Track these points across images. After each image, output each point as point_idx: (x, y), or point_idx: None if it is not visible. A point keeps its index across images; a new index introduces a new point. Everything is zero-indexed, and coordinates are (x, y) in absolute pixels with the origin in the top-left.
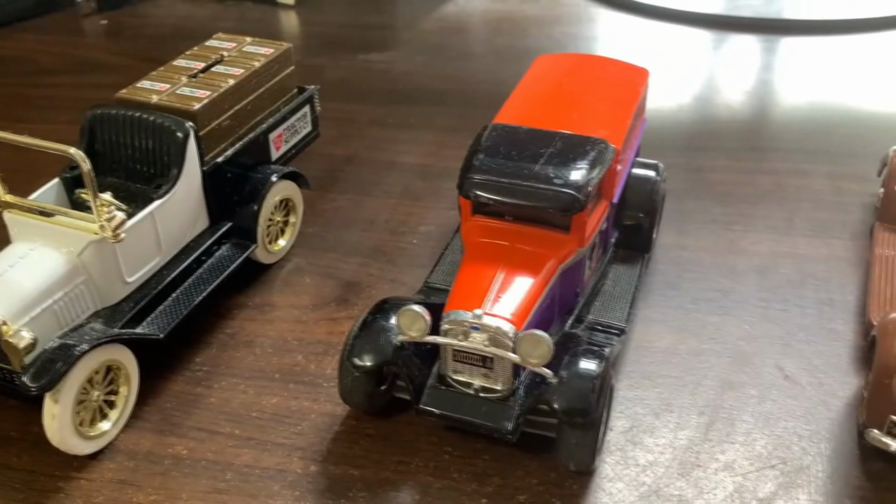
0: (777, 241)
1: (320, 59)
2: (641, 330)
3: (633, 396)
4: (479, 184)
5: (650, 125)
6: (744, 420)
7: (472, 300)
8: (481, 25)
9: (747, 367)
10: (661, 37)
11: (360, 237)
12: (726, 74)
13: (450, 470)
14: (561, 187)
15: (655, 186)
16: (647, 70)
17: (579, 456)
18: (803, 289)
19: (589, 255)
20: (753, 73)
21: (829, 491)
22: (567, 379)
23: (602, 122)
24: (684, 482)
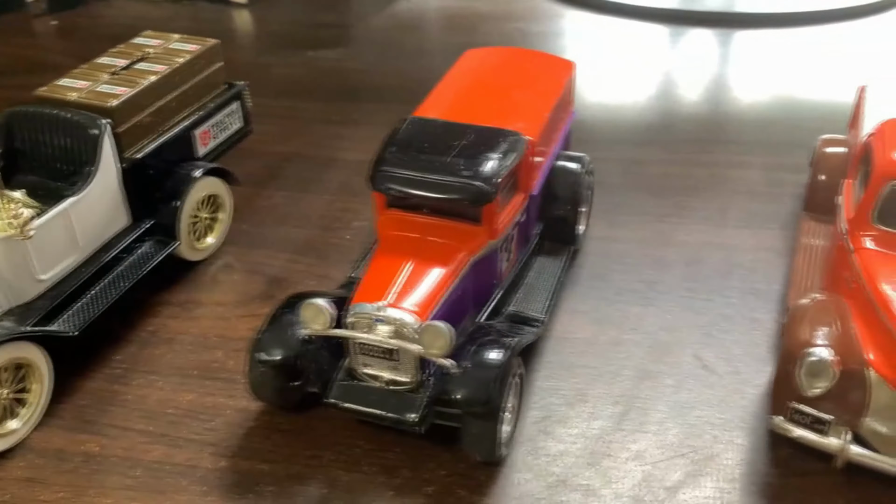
0: (708, 232)
1: (269, 57)
2: (564, 321)
3: (548, 387)
4: (387, 177)
5: (592, 118)
6: (658, 409)
7: (377, 292)
8: (434, 22)
9: (666, 356)
10: (614, 32)
11: (293, 233)
12: (676, 68)
13: (360, 463)
14: (469, 179)
15: (579, 179)
16: (573, 63)
17: (483, 446)
18: (730, 279)
19: (505, 248)
20: (703, 66)
21: (735, 478)
22: (469, 369)
23: (520, 114)
24: (593, 472)
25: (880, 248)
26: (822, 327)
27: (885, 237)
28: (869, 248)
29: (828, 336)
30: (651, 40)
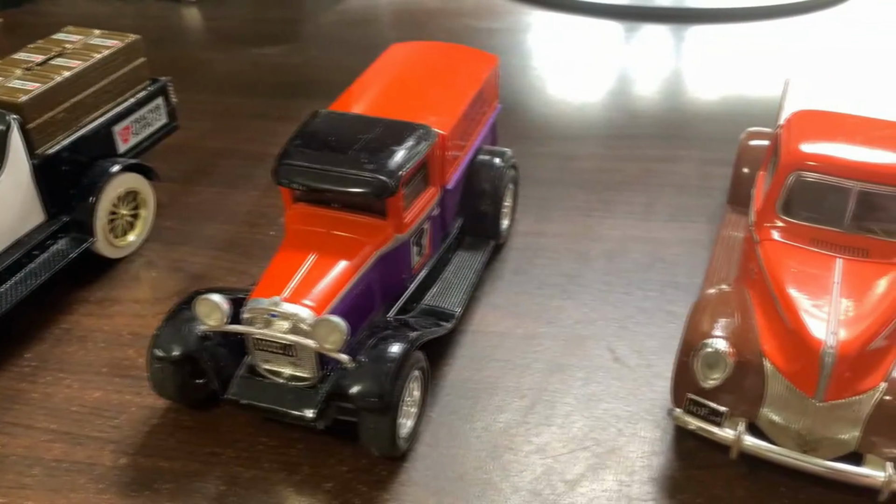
0: (634, 226)
1: (213, 53)
2: (481, 315)
3: (458, 380)
4: (289, 170)
5: (530, 114)
6: (565, 402)
7: (275, 287)
8: (383, 18)
9: (579, 349)
10: (564, 28)
11: (218, 230)
12: (621, 64)
13: (261, 460)
14: (372, 172)
15: (500, 173)
16: (496, 57)
17: (380, 441)
18: (650, 272)
19: (416, 242)
20: (648, 62)
21: (636, 471)
22: (364, 364)
23: (434, 108)
24: (494, 465)
25: (784, 240)
26: (722, 318)
27: (789, 228)
28: (773, 240)
29: (726, 327)
30: (599, 36)
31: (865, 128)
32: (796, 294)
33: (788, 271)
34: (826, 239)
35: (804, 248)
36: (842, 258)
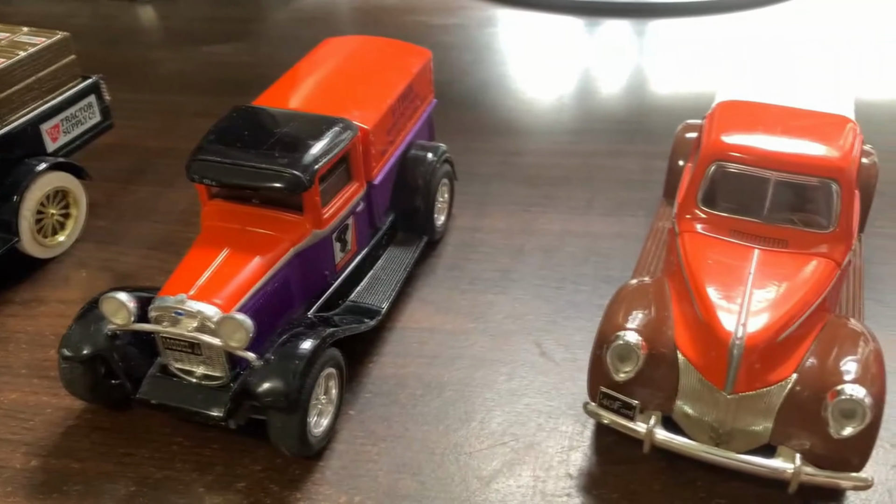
0: (572, 220)
1: (162, 52)
2: (411, 310)
3: (381, 377)
4: (202, 166)
5: (477, 110)
6: (487, 398)
7: (183, 285)
8: (337, 16)
9: (506, 345)
10: (518, 24)
11: (152, 228)
12: (577, 59)
13: (174, 460)
14: (285, 167)
15: (432, 168)
16: (429, 52)
17: (288, 440)
18: (585, 266)
19: (338, 238)
20: (605, 57)
21: (553, 466)
22: (271, 362)
23: (359, 102)
24: (410, 462)
25: (704, 231)
26: (638, 311)
27: (709, 219)
28: (692, 231)
29: (641, 320)
30: (554, 31)
31: (786, 118)
32: (710, 285)
33: (705, 263)
34: (745, 230)
35: (722, 240)
36: (759, 249)
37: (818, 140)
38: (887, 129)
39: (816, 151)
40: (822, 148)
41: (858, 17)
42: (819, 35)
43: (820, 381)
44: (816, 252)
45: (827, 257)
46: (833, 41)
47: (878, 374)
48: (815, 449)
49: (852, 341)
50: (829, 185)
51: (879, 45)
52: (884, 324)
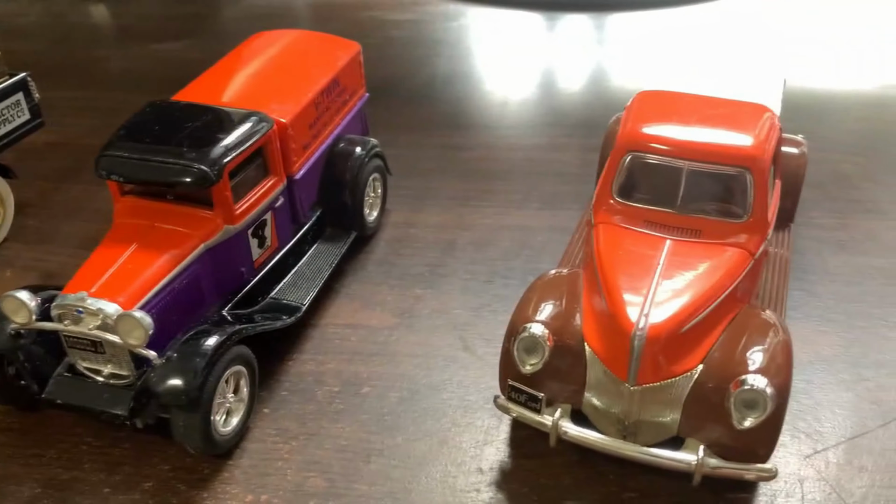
0: (507, 214)
1: (111, 50)
2: (336, 307)
3: (299, 374)
4: (110, 162)
5: (422, 105)
6: (404, 392)
7: (86, 283)
8: (289, 12)
9: (430, 339)
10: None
11: (83, 227)
12: (528, 54)
13: (82, 461)
14: (192, 161)
15: (360, 162)
16: (357, 45)
17: (191, 438)
18: (516, 260)
19: (255, 234)
20: (558, 51)
21: (464, 462)
22: (172, 359)
23: (279, 96)
24: (320, 461)
25: (618, 222)
26: (548, 303)
27: (624, 210)
28: (607, 223)
29: (550, 312)
30: (508, 26)
31: (702, 107)
32: (618, 277)
33: (615, 254)
34: (659, 220)
35: (635, 231)
36: (671, 239)
37: (732, 129)
38: (831, 122)
39: (729, 140)
40: (735, 137)
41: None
42: (768, 27)
43: (725, 372)
44: (730, 242)
45: (740, 247)
46: (775, 33)
47: (783, 365)
48: (722, 440)
49: (761, 332)
50: (742, 174)
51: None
52: (812, 315)
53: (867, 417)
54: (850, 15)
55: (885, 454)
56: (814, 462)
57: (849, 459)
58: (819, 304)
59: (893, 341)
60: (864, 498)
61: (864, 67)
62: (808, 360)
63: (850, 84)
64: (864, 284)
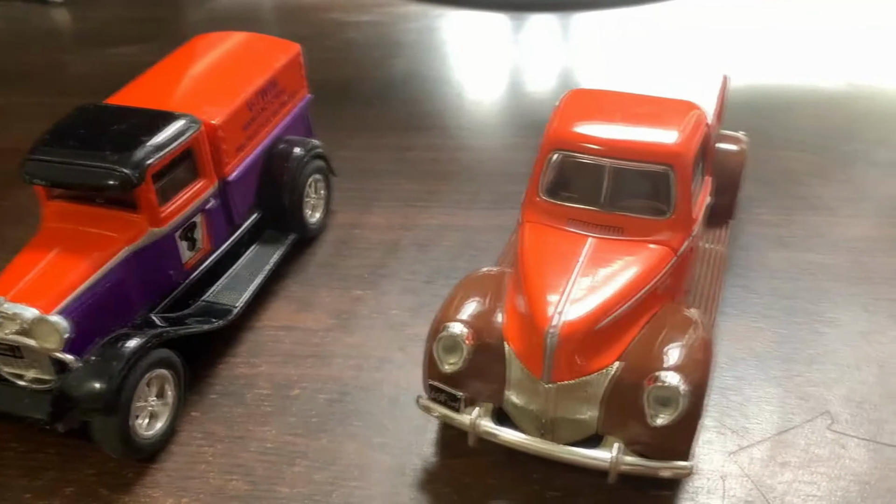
0: (454, 214)
1: (70, 55)
2: (273, 309)
3: (230, 377)
4: (34, 166)
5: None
6: (333, 395)
7: (4, 287)
8: (250, 15)
9: (366, 341)
10: (434, 20)
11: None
12: (486, 54)
13: (7, 466)
14: (114, 164)
15: (299, 163)
16: (297, 46)
17: (111, 442)
18: (458, 260)
19: (185, 236)
20: (518, 51)
21: (389, 463)
22: (89, 363)
23: (211, 98)
24: (245, 463)
25: (544, 221)
26: (472, 302)
27: (550, 209)
28: (533, 221)
29: (473, 310)
30: (469, 27)
31: (629, 105)
32: (537, 275)
33: (538, 252)
34: (583, 218)
35: (559, 229)
36: (593, 237)
37: (656, 126)
38: (783, 120)
39: (652, 138)
40: (658, 134)
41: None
42: (729, 23)
43: (640, 369)
44: (652, 239)
45: (663, 244)
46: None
47: (701, 363)
48: (640, 438)
49: (681, 329)
50: (664, 171)
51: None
52: (749, 311)
53: (794, 413)
54: (804, 12)
55: (809, 449)
56: (738, 458)
57: (772, 455)
58: (757, 300)
59: (826, 336)
60: (785, 493)
61: (817, 65)
62: (741, 357)
63: (802, 81)
64: (804, 280)
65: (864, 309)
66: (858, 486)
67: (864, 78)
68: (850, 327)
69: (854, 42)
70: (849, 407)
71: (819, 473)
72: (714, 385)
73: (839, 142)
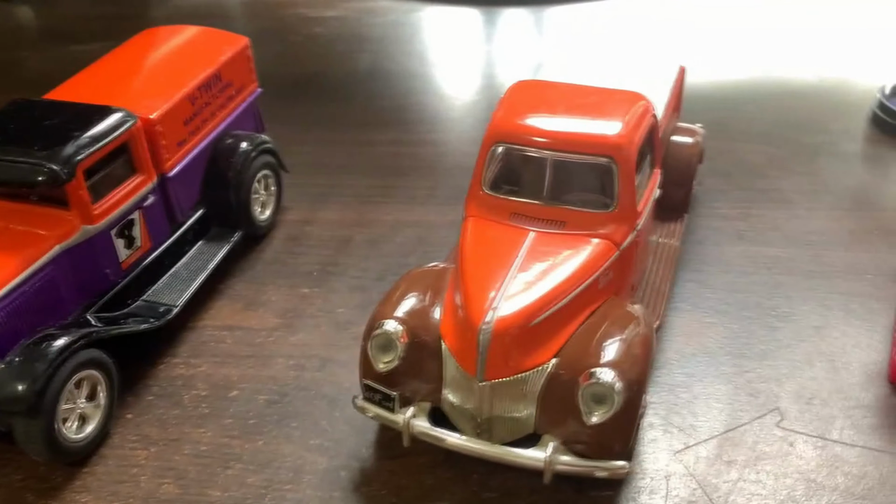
0: (409, 210)
1: (29, 52)
2: (217, 307)
3: (169, 378)
4: None
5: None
6: (272, 396)
7: None
8: (217, 9)
9: (309, 339)
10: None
11: None
12: (451, 49)
13: None
14: (42, 160)
15: (245, 159)
16: (244, 39)
17: (34, 446)
18: (411, 256)
19: (122, 234)
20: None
21: (326, 465)
22: (12, 365)
23: (150, 92)
24: (177, 466)
25: (486, 215)
26: (410, 299)
27: (492, 203)
28: (476, 216)
29: (411, 307)
30: (437, 22)
31: (574, 96)
32: (475, 271)
33: (478, 247)
34: (525, 212)
35: (502, 223)
36: (534, 231)
37: (600, 118)
38: (745, 112)
39: (594, 130)
40: (601, 126)
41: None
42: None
43: (576, 365)
44: (595, 233)
45: (605, 238)
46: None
47: (639, 359)
48: (578, 436)
49: (621, 325)
50: (607, 163)
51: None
52: (702, 306)
53: (743, 410)
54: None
55: (756, 447)
56: (683, 457)
57: (719, 454)
58: (711, 295)
59: (779, 331)
60: (729, 493)
61: (785, 58)
62: (692, 353)
63: (769, 74)
64: (759, 275)
65: (819, 303)
66: (804, 483)
67: (831, 70)
68: (804, 322)
69: (823, 36)
70: (798, 403)
71: (765, 472)
72: (663, 382)
73: (803, 134)
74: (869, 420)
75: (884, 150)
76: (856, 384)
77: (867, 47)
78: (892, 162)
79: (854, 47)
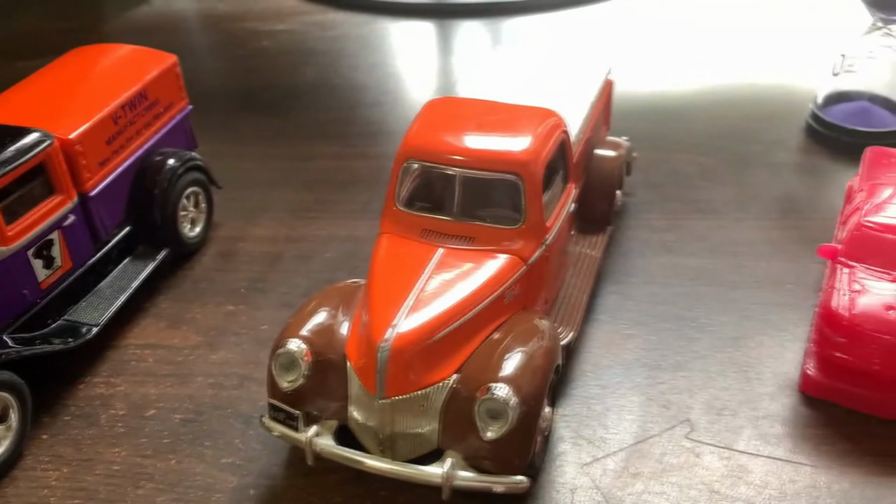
0: (343, 225)
1: None
2: (141, 327)
3: (87, 398)
4: None
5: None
6: (187, 415)
7: None
8: (168, 25)
9: (230, 357)
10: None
11: None
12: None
13: None
14: None
15: (171, 176)
16: (172, 56)
17: None
18: (339, 272)
19: (39, 254)
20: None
21: (236, 483)
22: None
23: (71, 112)
24: (89, 486)
25: (398, 232)
26: (318, 316)
27: (404, 219)
28: (389, 232)
29: (317, 325)
30: (387, 35)
31: (485, 113)
32: (382, 288)
33: (387, 264)
34: (436, 228)
35: (412, 240)
36: (443, 248)
37: (508, 135)
38: (678, 123)
39: (501, 146)
40: (508, 142)
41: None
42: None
43: (476, 380)
44: (503, 248)
45: (513, 253)
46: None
47: (538, 373)
48: (478, 452)
49: (524, 338)
50: (513, 180)
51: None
52: (622, 318)
53: (654, 422)
54: (700, 16)
55: (663, 459)
56: (590, 470)
57: (626, 466)
58: (633, 307)
59: (696, 342)
60: None
61: (717, 67)
62: (608, 365)
63: (700, 84)
64: (681, 286)
65: (738, 314)
66: (707, 494)
67: (764, 79)
68: (721, 333)
69: (755, 43)
70: (709, 414)
71: (670, 483)
72: (577, 394)
73: (737, 144)
74: (776, 430)
75: (815, 159)
76: (766, 394)
77: (804, 53)
78: (823, 172)
79: (791, 52)
